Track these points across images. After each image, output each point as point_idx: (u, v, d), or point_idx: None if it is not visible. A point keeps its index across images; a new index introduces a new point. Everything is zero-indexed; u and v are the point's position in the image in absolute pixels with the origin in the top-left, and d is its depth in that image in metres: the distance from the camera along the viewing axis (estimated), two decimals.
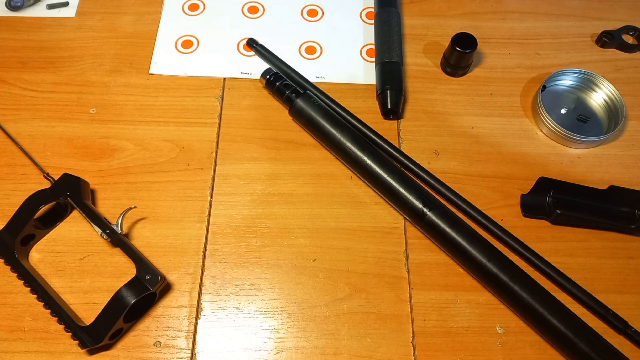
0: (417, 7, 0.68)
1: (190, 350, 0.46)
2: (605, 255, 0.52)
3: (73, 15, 0.65)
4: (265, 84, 0.59)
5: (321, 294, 0.49)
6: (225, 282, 0.50)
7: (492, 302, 0.49)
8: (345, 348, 0.47)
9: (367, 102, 0.60)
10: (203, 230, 0.52)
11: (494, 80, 0.63)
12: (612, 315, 0.48)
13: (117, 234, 0.48)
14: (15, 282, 0.48)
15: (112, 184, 0.54)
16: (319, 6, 0.68)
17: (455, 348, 0.47)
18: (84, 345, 0.44)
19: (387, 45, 0.61)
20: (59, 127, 0.57)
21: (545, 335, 0.46)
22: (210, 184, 0.54)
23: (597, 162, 0.57)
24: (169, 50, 0.63)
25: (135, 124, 0.58)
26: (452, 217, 0.49)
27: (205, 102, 0.59)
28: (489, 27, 0.67)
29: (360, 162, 0.53)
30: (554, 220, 0.53)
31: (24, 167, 0.54)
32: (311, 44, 0.65)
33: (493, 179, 0.56)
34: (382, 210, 0.54)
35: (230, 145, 0.57)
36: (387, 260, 0.51)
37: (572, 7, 0.69)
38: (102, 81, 0.60)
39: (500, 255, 0.48)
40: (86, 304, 0.48)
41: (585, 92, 0.61)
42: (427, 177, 0.54)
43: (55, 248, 0.51)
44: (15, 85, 0.60)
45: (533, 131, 0.59)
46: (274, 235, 0.52)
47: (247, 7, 0.67)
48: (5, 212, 0.52)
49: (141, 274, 0.45)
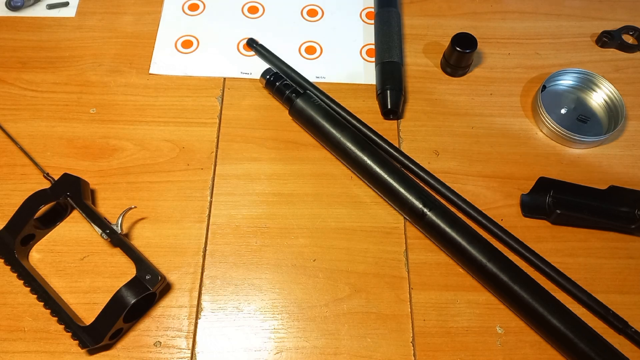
0: (417, 7, 0.68)
1: (190, 350, 0.46)
2: (605, 255, 0.52)
3: (73, 15, 0.65)
4: (265, 84, 0.59)
5: (321, 294, 0.49)
6: (225, 282, 0.50)
7: (492, 302, 0.49)
8: (345, 348, 0.47)
9: (367, 102, 0.60)
10: (203, 230, 0.52)
11: (494, 80, 0.63)
12: (612, 315, 0.48)
13: (117, 234, 0.48)
14: (15, 282, 0.48)
15: (112, 184, 0.54)
16: (319, 6, 0.68)
17: (456, 348, 0.47)
18: (84, 345, 0.44)
19: (387, 45, 0.61)
20: (59, 127, 0.57)
21: (545, 335, 0.46)
22: (210, 184, 0.54)
23: (597, 162, 0.57)
24: (169, 50, 0.63)
25: (135, 124, 0.58)
26: (452, 217, 0.49)
27: (205, 102, 0.59)
28: (489, 27, 0.67)
29: (360, 162, 0.53)
30: (554, 220, 0.53)
31: (24, 167, 0.54)
32: (311, 44, 0.65)
33: (493, 179, 0.56)
34: (382, 210, 0.54)
35: (230, 145, 0.57)
36: (387, 260, 0.51)
37: (572, 7, 0.69)
38: (102, 81, 0.60)
39: (500, 256, 0.48)
40: (86, 304, 0.48)
41: (585, 92, 0.61)
42: (427, 177, 0.54)
43: (55, 248, 0.51)
44: (15, 85, 0.60)
45: (533, 131, 0.59)
46: (274, 235, 0.52)
47: (247, 7, 0.67)
48: (5, 212, 0.52)
49: (141, 274, 0.45)
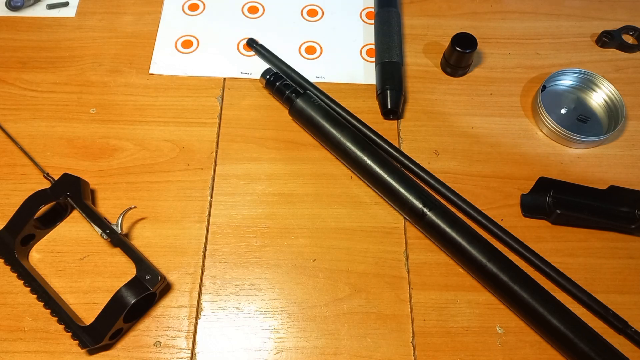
0: (417, 7, 0.68)
1: (190, 350, 0.46)
2: (605, 255, 0.52)
3: (73, 15, 0.65)
4: (265, 84, 0.59)
5: (321, 294, 0.49)
6: (225, 282, 0.50)
7: (492, 302, 0.49)
8: (345, 348, 0.47)
9: (367, 102, 0.60)
10: (203, 230, 0.52)
11: (494, 80, 0.63)
12: (612, 315, 0.48)
13: (117, 234, 0.48)
14: (15, 282, 0.48)
15: (112, 184, 0.54)
16: (319, 6, 0.68)
17: (456, 348, 0.47)
18: (84, 345, 0.44)
19: (387, 45, 0.61)
20: (59, 127, 0.57)
21: (545, 335, 0.46)
22: (210, 184, 0.54)
23: (597, 162, 0.57)
24: (169, 50, 0.63)
25: (135, 124, 0.58)
26: (452, 217, 0.49)
27: (205, 102, 0.59)
28: (489, 27, 0.67)
29: (360, 162, 0.53)
30: (554, 220, 0.53)
31: (24, 167, 0.54)
32: (311, 44, 0.65)
33: (493, 179, 0.56)
34: (382, 210, 0.54)
35: (230, 145, 0.57)
36: (387, 260, 0.51)
37: (572, 7, 0.69)
38: (102, 81, 0.60)
39: (500, 256, 0.48)
40: (86, 304, 0.48)
41: (585, 92, 0.61)
42: (427, 177, 0.54)
43: (55, 248, 0.51)
44: (15, 85, 0.60)
45: (533, 131, 0.59)
46: (274, 235, 0.52)
47: (247, 7, 0.67)
48: (5, 212, 0.52)
49: (141, 274, 0.45)
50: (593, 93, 0.61)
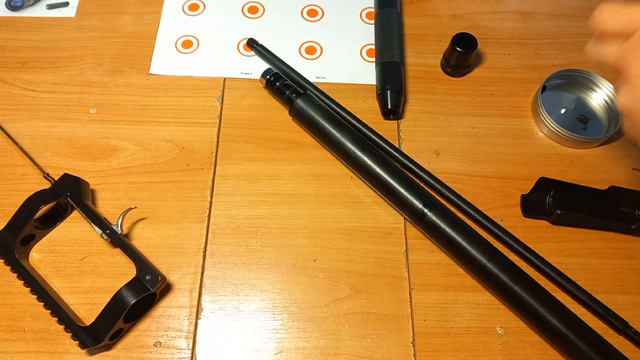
0: (417, 7, 0.68)
1: (190, 351, 0.46)
2: (605, 255, 0.52)
3: (73, 15, 0.65)
4: (265, 84, 0.59)
5: (321, 294, 0.49)
6: (225, 282, 0.50)
7: (493, 303, 0.49)
8: (346, 348, 0.47)
9: (367, 102, 0.60)
10: (203, 230, 0.52)
11: (494, 80, 0.63)
12: (612, 316, 0.48)
13: (117, 234, 0.48)
14: (15, 283, 0.48)
15: (112, 184, 0.54)
16: (319, 6, 0.68)
17: (456, 348, 0.47)
18: (84, 345, 0.44)
19: (387, 45, 0.61)
20: (59, 127, 0.57)
21: (545, 335, 0.46)
22: (210, 184, 0.54)
23: (597, 162, 0.57)
24: (169, 50, 0.63)
25: (135, 124, 0.58)
26: (452, 217, 0.49)
27: (205, 102, 0.59)
28: (489, 27, 0.67)
29: (361, 163, 0.53)
30: (554, 220, 0.53)
31: (24, 167, 0.54)
32: (311, 44, 0.65)
33: (493, 179, 0.56)
34: (382, 211, 0.54)
35: (230, 145, 0.57)
36: (387, 261, 0.51)
37: (572, 7, 0.69)
38: (102, 81, 0.60)
39: (501, 256, 0.48)
40: (86, 304, 0.48)
41: (586, 92, 0.61)
42: (427, 177, 0.54)
43: (55, 248, 0.51)
44: (15, 85, 0.60)
45: (533, 131, 0.59)
46: (274, 236, 0.52)
47: (247, 7, 0.67)
48: (5, 212, 0.52)
49: (141, 274, 0.45)
50: (593, 93, 0.61)
